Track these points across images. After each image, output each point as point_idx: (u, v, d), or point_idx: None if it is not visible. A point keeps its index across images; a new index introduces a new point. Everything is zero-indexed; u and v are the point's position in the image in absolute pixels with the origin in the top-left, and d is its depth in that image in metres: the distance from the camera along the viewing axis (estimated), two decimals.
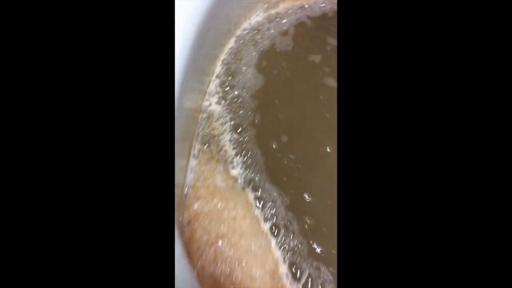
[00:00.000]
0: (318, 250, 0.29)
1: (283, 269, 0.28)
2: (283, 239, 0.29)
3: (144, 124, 0.18)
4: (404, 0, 0.19)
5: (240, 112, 0.39)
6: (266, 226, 0.29)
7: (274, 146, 0.36)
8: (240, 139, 0.36)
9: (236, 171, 0.33)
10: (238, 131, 0.37)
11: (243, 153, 0.35)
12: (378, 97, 0.19)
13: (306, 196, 0.32)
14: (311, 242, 0.30)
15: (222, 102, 0.39)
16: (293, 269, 0.28)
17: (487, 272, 0.16)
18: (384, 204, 0.18)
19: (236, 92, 0.40)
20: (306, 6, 0.58)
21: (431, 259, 0.17)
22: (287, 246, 0.29)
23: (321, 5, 0.59)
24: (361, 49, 0.19)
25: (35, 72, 0.18)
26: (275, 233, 0.29)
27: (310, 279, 0.28)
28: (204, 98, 0.38)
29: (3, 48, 0.18)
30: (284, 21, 0.53)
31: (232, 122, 0.37)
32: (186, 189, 0.30)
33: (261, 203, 0.31)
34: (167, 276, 0.17)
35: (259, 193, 0.32)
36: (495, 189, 0.17)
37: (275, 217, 0.30)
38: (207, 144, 0.35)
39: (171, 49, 0.27)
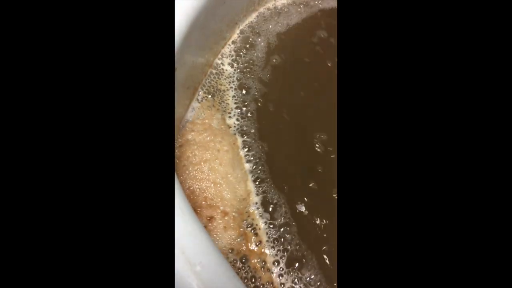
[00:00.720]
0: (285, 187, 0.33)
1: (254, 199, 0.32)
2: (259, 179, 0.34)
3: (144, 65, 0.20)
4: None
5: (249, 76, 0.43)
6: (246, 166, 0.34)
7: (271, 109, 0.41)
8: (242, 98, 0.41)
9: (231, 121, 0.38)
10: (243, 92, 0.42)
11: (243, 109, 0.40)
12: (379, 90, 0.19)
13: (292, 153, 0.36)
14: (284, 187, 0.34)
15: (235, 64, 0.44)
16: (263, 202, 0.33)
17: (487, 272, 0.16)
18: (382, 202, 0.18)
19: (248, 60, 0.45)
20: None
21: (431, 260, 0.17)
22: (262, 185, 0.33)
23: None
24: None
25: (29, 68, 0.18)
26: (253, 171, 0.34)
27: (277, 210, 0.32)
28: (217, 56, 0.43)
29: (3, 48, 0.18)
30: (308, 8, 0.57)
31: (238, 83, 0.42)
32: (185, 122, 0.36)
33: (247, 148, 0.36)
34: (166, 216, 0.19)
35: (247, 139, 0.36)
36: (495, 189, 0.17)
37: (257, 161, 0.35)
38: (211, 95, 0.40)
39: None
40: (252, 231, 0.33)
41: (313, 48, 0.49)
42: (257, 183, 0.34)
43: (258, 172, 0.35)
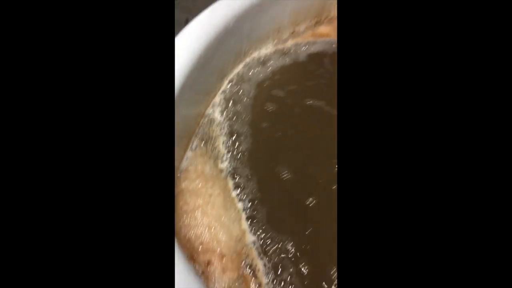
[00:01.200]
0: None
1: (249, 238, 0.33)
2: (254, 217, 0.35)
3: (149, 123, 0.21)
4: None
5: (238, 122, 0.46)
6: (239, 205, 0.35)
7: (262, 152, 0.43)
8: (233, 143, 0.43)
9: (223, 165, 0.40)
10: (233, 137, 0.44)
11: (234, 153, 0.42)
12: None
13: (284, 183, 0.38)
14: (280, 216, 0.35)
15: (224, 113, 0.47)
16: (260, 239, 0.33)
17: (487, 273, 0.16)
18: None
19: (238, 107, 0.48)
20: (317, 42, 0.67)
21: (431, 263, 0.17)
22: (257, 222, 0.35)
23: (327, 41, 0.67)
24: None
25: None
26: (247, 212, 0.35)
27: (273, 248, 0.33)
28: (208, 106, 0.47)
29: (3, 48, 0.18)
30: (291, 56, 0.62)
31: (229, 129, 0.45)
32: (179, 172, 0.38)
33: (239, 189, 0.37)
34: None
35: (239, 180, 0.38)
36: (495, 189, 0.17)
37: (249, 199, 0.36)
38: (204, 141, 0.42)
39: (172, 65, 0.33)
40: (251, 273, 0.33)
41: (295, 92, 0.52)
42: (250, 221, 0.35)
43: (252, 210, 0.36)
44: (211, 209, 0.33)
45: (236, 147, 0.43)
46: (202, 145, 0.42)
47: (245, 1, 0.47)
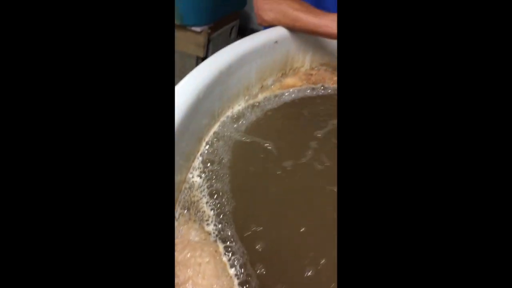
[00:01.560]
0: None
1: None
2: (247, 282, 0.35)
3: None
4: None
5: (218, 182, 0.47)
6: (231, 271, 0.35)
7: (247, 210, 0.44)
8: (215, 203, 0.44)
9: (210, 228, 0.40)
10: (215, 197, 0.45)
11: (217, 212, 0.43)
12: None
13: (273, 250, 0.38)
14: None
15: (203, 175, 0.48)
16: None
17: (486, 272, 0.16)
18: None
19: (215, 168, 0.50)
20: (285, 94, 0.71)
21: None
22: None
23: (296, 92, 0.72)
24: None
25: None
26: (240, 277, 0.35)
27: None
28: (189, 171, 0.48)
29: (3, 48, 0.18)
30: (263, 108, 0.65)
31: (209, 190, 0.46)
32: None
33: (229, 254, 0.37)
34: None
35: (228, 244, 0.38)
36: (495, 189, 0.17)
37: (241, 264, 0.36)
38: (186, 209, 0.43)
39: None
40: None
41: (266, 148, 0.55)
42: (244, 287, 0.35)
43: (245, 275, 0.36)
44: (201, 280, 0.33)
45: (219, 206, 0.44)
46: (185, 212, 0.42)
47: (213, 70, 0.50)
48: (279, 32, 0.69)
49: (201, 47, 1.30)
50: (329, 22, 0.62)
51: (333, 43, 0.75)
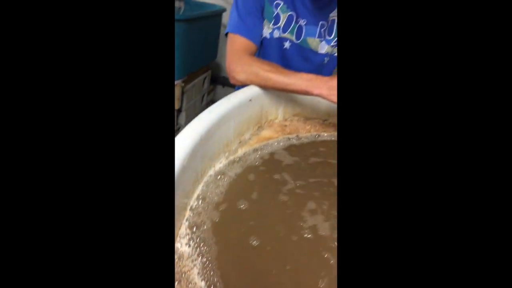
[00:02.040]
0: None
1: None
2: None
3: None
4: None
5: (206, 249, 0.47)
6: None
7: (242, 276, 0.44)
8: (206, 272, 0.44)
9: None
10: (205, 265, 0.45)
11: (213, 281, 0.42)
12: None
13: None
14: None
15: (191, 242, 0.48)
16: None
17: (486, 272, 0.16)
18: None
19: (201, 233, 0.50)
20: (260, 147, 0.74)
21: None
22: None
23: (274, 146, 0.75)
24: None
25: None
26: None
27: None
28: (176, 240, 0.47)
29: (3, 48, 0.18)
30: (243, 163, 0.67)
31: (199, 259, 0.46)
32: None
33: None
34: None
35: None
36: (495, 189, 0.17)
37: None
38: (177, 282, 0.42)
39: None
40: None
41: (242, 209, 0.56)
42: None
43: None
44: None
45: (212, 274, 0.43)
46: (176, 284, 0.42)
47: (194, 137, 0.52)
48: (252, 90, 0.74)
49: (176, 99, 1.34)
50: (296, 81, 0.67)
51: (302, 97, 0.81)
